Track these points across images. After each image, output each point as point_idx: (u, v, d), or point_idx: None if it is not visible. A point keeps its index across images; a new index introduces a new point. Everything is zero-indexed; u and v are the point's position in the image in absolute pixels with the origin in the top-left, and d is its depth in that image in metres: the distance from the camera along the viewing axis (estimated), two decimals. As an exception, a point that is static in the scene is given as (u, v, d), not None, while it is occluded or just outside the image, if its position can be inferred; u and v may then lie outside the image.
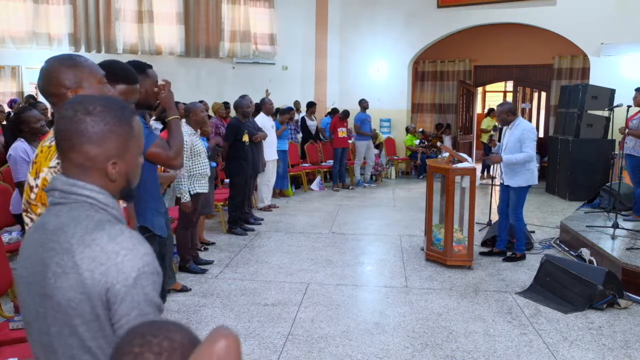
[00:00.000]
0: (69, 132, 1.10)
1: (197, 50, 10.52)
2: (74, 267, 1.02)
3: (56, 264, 1.04)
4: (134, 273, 1.03)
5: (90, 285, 1.01)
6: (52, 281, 1.03)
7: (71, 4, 9.59)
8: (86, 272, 1.01)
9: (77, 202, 1.11)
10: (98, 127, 1.11)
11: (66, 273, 1.02)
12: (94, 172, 1.13)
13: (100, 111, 1.11)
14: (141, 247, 1.07)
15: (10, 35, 9.30)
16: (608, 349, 3.37)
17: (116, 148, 1.13)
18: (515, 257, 5.18)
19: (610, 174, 7.47)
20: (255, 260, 5.19)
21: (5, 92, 9.20)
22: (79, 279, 1.01)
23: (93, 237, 1.05)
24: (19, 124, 3.83)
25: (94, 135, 1.10)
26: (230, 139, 6.13)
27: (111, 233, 1.06)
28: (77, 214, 1.09)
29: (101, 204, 1.12)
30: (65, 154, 1.13)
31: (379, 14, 11.09)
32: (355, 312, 3.94)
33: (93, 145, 1.11)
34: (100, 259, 1.02)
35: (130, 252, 1.04)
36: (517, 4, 9.81)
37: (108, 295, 1.02)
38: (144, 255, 1.06)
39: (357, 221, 7.00)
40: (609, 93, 8.22)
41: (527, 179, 5.00)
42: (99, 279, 1.01)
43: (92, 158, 1.11)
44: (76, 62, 1.61)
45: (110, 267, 1.02)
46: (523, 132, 4.94)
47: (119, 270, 1.02)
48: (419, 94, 12.30)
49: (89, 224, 1.07)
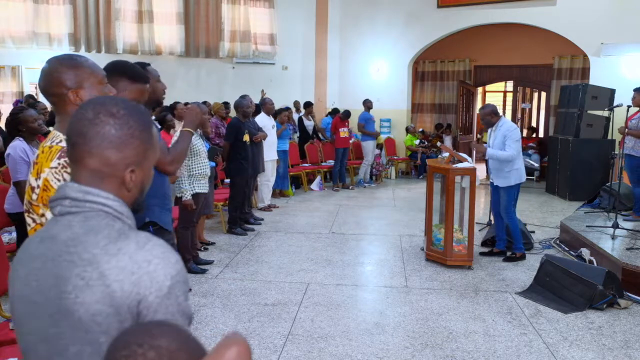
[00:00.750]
0: (89, 135, 1.02)
1: (197, 50, 10.52)
2: (101, 278, 0.93)
3: (77, 277, 0.94)
4: (167, 282, 0.96)
5: (120, 298, 0.92)
6: (73, 296, 0.93)
7: (71, 4, 9.58)
8: (115, 283, 0.92)
9: (92, 211, 1.02)
10: (122, 131, 1.03)
11: (90, 286, 0.93)
12: (110, 180, 1.05)
13: (123, 114, 1.04)
14: (171, 255, 1.00)
15: (10, 35, 9.29)
16: (608, 349, 3.37)
17: (136, 155, 1.06)
18: (515, 257, 5.18)
19: (610, 174, 7.46)
20: (255, 260, 5.19)
21: (6, 92, 9.19)
22: (107, 291, 0.92)
23: (119, 246, 0.96)
24: (17, 124, 3.83)
25: (117, 140, 1.03)
26: (231, 139, 6.13)
27: (139, 241, 0.98)
28: (95, 223, 1.00)
29: (117, 212, 1.04)
30: (80, 158, 1.04)
31: (379, 14, 11.10)
32: (355, 312, 3.94)
33: (114, 150, 1.03)
34: (130, 268, 0.94)
35: (162, 260, 0.97)
36: (517, 4, 9.81)
37: (140, 307, 0.94)
38: (175, 264, 0.99)
39: (357, 221, 7.00)
40: (609, 93, 8.22)
41: (517, 177, 5.02)
42: (129, 290, 0.93)
43: (111, 164, 1.04)
44: (77, 62, 1.60)
45: (142, 276, 0.94)
46: (507, 132, 4.96)
47: (152, 279, 0.94)
48: (419, 94, 12.30)
49: (111, 233, 0.99)
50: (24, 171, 3.70)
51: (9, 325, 2.57)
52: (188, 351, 0.84)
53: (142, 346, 0.81)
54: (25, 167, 3.71)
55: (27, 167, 3.71)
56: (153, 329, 0.84)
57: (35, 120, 3.88)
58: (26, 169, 3.71)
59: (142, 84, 2.15)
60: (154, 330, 0.84)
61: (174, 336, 0.84)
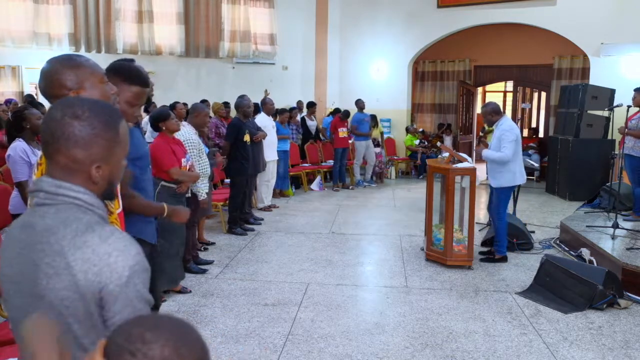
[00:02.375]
0: (56, 135, 1.11)
1: (197, 50, 10.52)
2: (67, 268, 1.04)
3: (47, 265, 1.05)
4: (126, 272, 1.06)
5: (84, 286, 1.04)
6: (44, 282, 1.05)
7: (71, 4, 9.59)
8: (79, 274, 1.04)
9: (64, 204, 1.12)
10: (85, 131, 1.12)
11: (59, 274, 1.04)
12: (79, 174, 1.14)
13: (88, 116, 1.12)
14: (132, 247, 1.10)
15: (10, 35, 9.29)
16: (608, 349, 3.37)
17: (101, 152, 1.15)
18: (493, 258, 5.14)
19: (610, 174, 7.46)
20: (255, 260, 5.19)
21: (6, 92, 9.19)
22: (73, 280, 1.04)
23: (84, 239, 1.07)
24: (21, 120, 3.83)
25: (81, 140, 1.12)
26: (232, 139, 6.13)
27: (102, 234, 1.08)
28: (66, 216, 1.10)
29: (87, 204, 1.14)
30: (51, 155, 1.14)
31: (379, 14, 11.10)
32: (355, 312, 3.94)
33: (79, 149, 1.12)
34: (93, 260, 1.05)
35: (122, 253, 1.07)
36: (517, 4, 9.81)
37: (102, 294, 1.05)
38: (135, 255, 1.09)
39: (357, 221, 7.00)
40: (609, 93, 8.22)
41: (509, 179, 4.97)
42: (92, 280, 1.04)
43: (77, 161, 1.13)
44: (77, 62, 1.59)
45: (103, 267, 1.05)
46: (502, 132, 4.92)
47: (112, 270, 1.05)
48: (419, 94, 12.30)
49: (78, 226, 1.09)
50: (24, 172, 3.70)
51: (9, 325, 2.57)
52: (181, 357, 0.83)
53: (135, 355, 0.81)
54: (26, 168, 3.70)
55: (27, 167, 3.71)
56: (146, 333, 0.83)
57: (39, 119, 3.89)
58: (27, 170, 3.71)
59: (142, 87, 2.14)
60: (147, 335, 0.83)
61: (168, 340, 0.83)
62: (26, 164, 3.70)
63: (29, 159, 3.71)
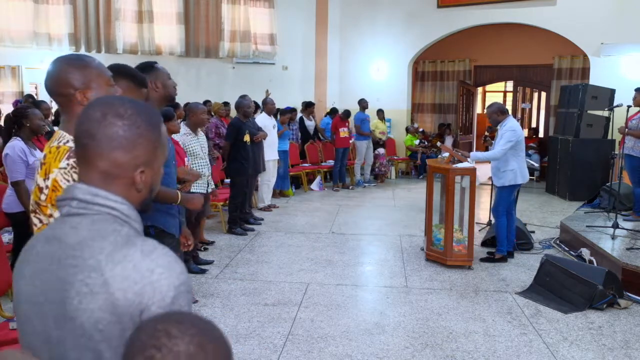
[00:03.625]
0: (97, 136, 1.01)
1: (197, 50, 10.51)
2: (104, 285, 0.92)
3: (81, 283, 0.93)
4: (171, 292, 0.94)
5: (123, 307, 0.92)
6: (76, 302, 0.93)
7: (71, 4, 9.57)
8: (118, 292, 0.92)
9: (99, 214, 1.01)
10: (130, 131, 1.02)
11: (94, 293, 0.92)
12: (119, 181, 1.04)
13: (131, 114, 1.03)
14: (177, 264, 0.98)
15: (10, 35, 9.28)
16: (608, 349, 3.37)
17: (145, 155, 1.05)
18: (493, 257, 5.14)
19: (610, 174, 7.46)
20: (255, 260, 5.19)
21: (6, 92, 9.19)
22: (110, 299, 0.92)
23: (124, 253, 0.95)
24: (22, 117, 3.83)
25: (125, 141, 1.01)
26: (232, 139, 6.13)
27: (144, 249, 0.97)
28: (102, 227, 0.99)
29: (125, 216, 1.03)
30: (90, 159, 1.03)
31: (379, 14, 11.09)
32: (355, 312, 3.94)
33: (123, 151, 1.01)
34: (134, 277, 0.93)
35: (167, 270, 0.95)
36: (517, 4, 9.81)
37: (142, 317, 0.93)
38: (180, 274, 0.97)
39: (357, 221, 7.00)
40: (609, 93, 8.22)
41: (510, 178, 4.98)
42: (132, 300, 0.92)
43: (120, 165, 1.02)
44: (85, 62, 1.59)
45: (145, 286, 0.93)
46: (504, 132, 4.95)
47: (155, 289, 0.93)
48: (419, 94, 12.30)
49: (117, 239, 0.97)
50: (22, 171, 3.70)
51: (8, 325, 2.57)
52: (206, 353, 0.81)
53: (160, 350, 0.79)
54: (23, 167, 3.71)
55: (25, 167, 3.71)
56: (172, 328, 0.81)
57: (41, 119, 3.90)
58: (24, 169, 3.71)
59: (139, 87, 2.14)
60: (173, 330, 0.81)
61: (193, 336, 0.81)
62: (24, 163, 3.70)
63: (26, 159, 3.71)
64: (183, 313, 0.87)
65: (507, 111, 5.18)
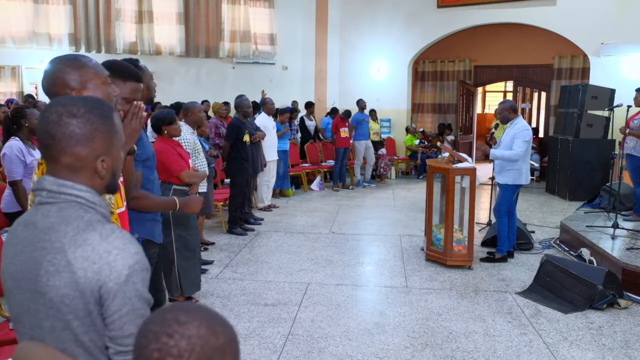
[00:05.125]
0: (57, 136, 1.12)
1: (197, 50, 10.51)
2: (67, 265, 1.06)
3: (49, 263, 1.07)
4: (125, 271, 1.08)
5: (84, 283, 1.06)
6: (45, 279, 1.07)
7: (71, 4, 9.58)
8: (79, 271, 1.06)
9: (66, 202, 1.14)
10: (85, 128, 1.13)
11: (59, 272, 1.06)
12: (83, 172, 1.16)
13: (84, 112, 1.14)
14: (131, 245, 1.11)
15: (10, 35, 9.29)
16: (608, 349, 3.37)
17: (103, 146, 1.17)
18: (494, 257, 5.13)
19: (610, 174, 7.46)
20: (255, 260, 5.19)
21: (6, 92, 9.19)
22: (73, 277, 1.06)
23: (85, 237, 1.09)
24: (20, 117, 3.82)
25: (83, 137, 1.13)
26: (232, 139, 6.13)
27: (102, 233, 1.10)
28: (67, 214, 1.12)
29: (89, 202, 1.16)
30: (54, 157, 1.15)
31: (379, 14, 11.09)
32: (355, 312, 3.94)
33: (82, 146, 1.13)
34: (93, 258, 1.07)
35: (122, 251, 1.09)
36: (517, 4, 9.81)
37: (101, 292, 1.07)
38: (134, 254, 1.10)
39: (357, 221, 7.00)
40: (609, 93, 8.22)
41: (514, 177, 4.96)
42: (92, 277, 1.06)
43: (82, 158, 1.14)
44: (81, 62, 1.60)
45: (102, 265, 1.06)
46: (517, 131, 4.93)
47: (112, 268, 1.07)
48: (419, 94, 12.29)
49: (79, 224, 1.11)
50: (19, 171, 3.70)
51: (8, 325, 2.57)
52: (216, 334, 0.85)
53: (172, 337, 0.82)
54: (21, 167, 3.71)
55: (22, 166, 3.71)
56: (180, 316, 0.85)
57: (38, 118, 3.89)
58: (21, 169, 3.71)
59: (134, 82, 2.14)
60: (182, 317, 0.84)
61: (202, 320, 0.85)
62: (21, 163, 3.70)
63: (24, 159, 3.72)
64: (187, 303, 0.90)
65: (518, 110, 5.14)
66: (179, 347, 0.81)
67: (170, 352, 0.81)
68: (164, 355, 0.81)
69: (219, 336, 0.85)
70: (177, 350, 0.81)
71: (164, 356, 0.81)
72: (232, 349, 0.86)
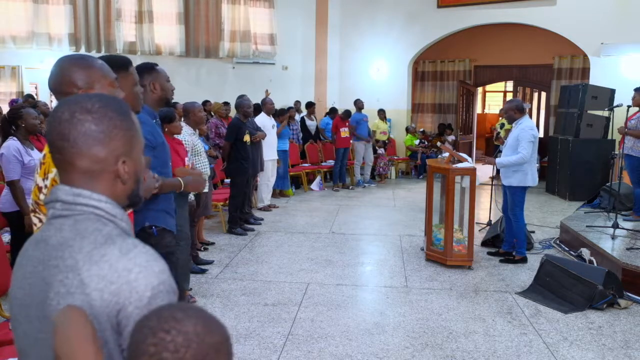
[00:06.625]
0: (71, 136, 0.98)
1: (197, 50, 10.51)
2: (80, 286, 0.90)
3: (60, 283, 0.92)
4: (148, 292, 0.92)
5: (99, 307, 0.90)
6: (55, 302, 0.92)
7: (71, 4, 9.58)
8: (94, 292, 0.90)
9: (83, 214, 0.99)
10: (103, 124, 0.99)
11: (71, 293, 0.91)
12: (103, 177, 1.01)
13: (99, 107, 1.00)
14: (156, 263, 0.95)
15: (10, 35, 9.28)
16: (608, 349, 3.37)
17: (123, 145, 1.02)
18: (514, 259, 5.14)
19: (610, 174, 7.46)
20: (255, 260, 5.19)
21: (6, 92, 9.19)
22: (86, 299, 0.90)
23: (102, 252, 0.93)
24: (17, 118, 3.83)
25: (101, 134, 0.99)
26: (232, 139, 6.14)
27: (123, 247, 0.95)
28: (84, 227, 0.97)
29: (109, 215, 1.01)
30: (68, 162, 1.00)
31: (379, 14, 11.10)
32: (355, 312, 3.94)
33: (100, 146, 0.99)
34: (110, 277, 0.91)
35: (144, 269, 0.93)
36: (517, 4, 9.81)
37: (119, 317, 0.91)
38: (159, 273, 0.94)
39: (357, 221, 7.00)
40: (609, 93, 8.22)
41: (521, 179, 4.91)
42: (108, 300, 0.90)
43: (101, 160, 1.00)
44: (89, 63, 1.59)
45: (121, 285, 0.91)
46: (521, 132, 4.88)
47: (132, 289, 0.91)
48: (419, 94, 12.30)
49: (97, 238, 0.95)
50: (17, 171, 3.70)
51: (8, 325, 2.57)
52: (212, 332, 0.85)
53: (169, 332, 0.82)
54: (19, 167, 3.71)
55: (20, 166, 3.72)
56: (177, 313, 0.84)
57: (35, 118, 3.89)
58: (19, 169, 3.71)
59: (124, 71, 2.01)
60: (178, 314, 0.84)
61: (198, 318, 0.85)
62: (19, 163, 3.71)
63: (21, 159, 3.72)
64: (183, 303, 0.90)
65: (525, 110, 5.07)
66: (176, 342, 0.81)
67: (167, 347, 0.81)
68: (161, 350, 0.81)
69: (215, 334, 0.84)
70: (173, 346, 0.81)
71: (160, 351, 0.81)
72: (226, 348, 0.86)
